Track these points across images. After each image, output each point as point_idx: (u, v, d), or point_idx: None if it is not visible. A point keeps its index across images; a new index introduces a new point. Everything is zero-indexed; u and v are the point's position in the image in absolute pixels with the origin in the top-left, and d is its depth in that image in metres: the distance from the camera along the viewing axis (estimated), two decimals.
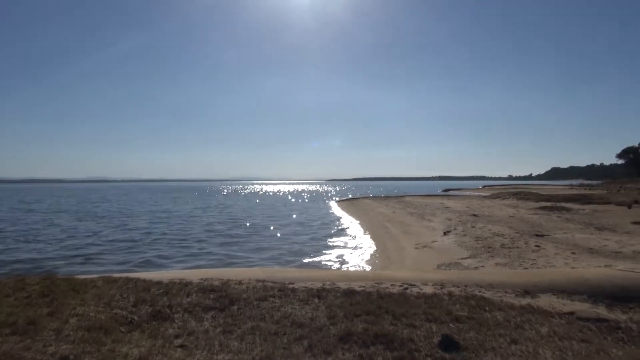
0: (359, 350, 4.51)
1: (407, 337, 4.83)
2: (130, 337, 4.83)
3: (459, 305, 6.23)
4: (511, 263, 12.49)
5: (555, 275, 8.83)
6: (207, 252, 20.25)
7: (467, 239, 17.94)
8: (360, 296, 6.66)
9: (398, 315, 5.63)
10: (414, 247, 18.13)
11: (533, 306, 6.44)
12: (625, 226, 21.45)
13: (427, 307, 6.11)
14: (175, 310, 5.82)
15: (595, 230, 19.94)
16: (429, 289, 7.35)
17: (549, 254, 13.46)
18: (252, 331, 5.05)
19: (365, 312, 5.76)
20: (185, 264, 17.33)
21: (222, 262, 17.67)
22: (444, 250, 16.14)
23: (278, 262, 17.66)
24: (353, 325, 5.21)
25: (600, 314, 6.12)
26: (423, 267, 13.45)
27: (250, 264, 17.27)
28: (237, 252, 20.12)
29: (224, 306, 6.03)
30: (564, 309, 6.37)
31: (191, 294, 6.54)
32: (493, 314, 5.85)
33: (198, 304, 6.07)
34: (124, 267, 16.05)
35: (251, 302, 6.21)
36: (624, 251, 13.64)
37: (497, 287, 7.64)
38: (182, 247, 21.66)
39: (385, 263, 16.38)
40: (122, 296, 6.23)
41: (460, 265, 12.90)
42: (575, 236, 17.54)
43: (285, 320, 5.44)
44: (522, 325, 5.40)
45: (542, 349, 4.56)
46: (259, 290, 6.84)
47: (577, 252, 13.64)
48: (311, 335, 4.89)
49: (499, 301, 6.63)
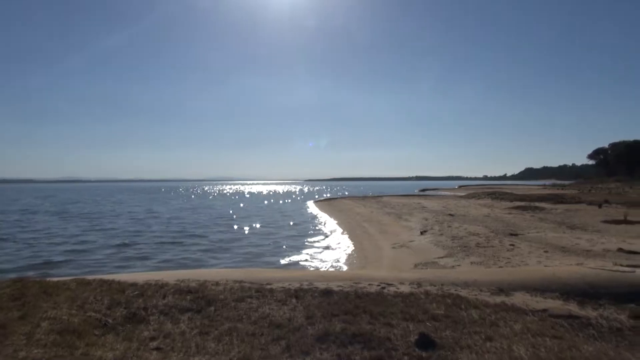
0: (336, 349, 4.51)
1: (384, 336, 4.86)
2: (105, 340, 4.74)
3: (436, 304, 6.30)
4: (486, 262, 12.69)
5: (529, 273, 9.00)
6: (184, 252, 20.02)
7: (443, 238, 18.16)
8: (338, 296, 6.67)
9: (375, 315, 5.66)
10: (391, 246, 18.26)
11: (507, 304, 6.56)
12: (595, 225, 22.02)
13: (404, 306, 6.16)
14: (151, 312, 5.73)
15: (567, 229, 20.41)
16: (406, 288, 7.42)
17: (523, 253, 13.72)
18: (229, 332, 5.01)
19: (343, 311, 5.78)
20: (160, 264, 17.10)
21: (200, 263, 17.51)
22: (421, 249, 16.30)
23: (255, 263, 17.56)
24: (331, 325, 5.22)
25: (571, 311, 6.26)
26: (400, 266, 13.57)
27: (226, 265, 17.15)
28: (216, 253, 19.95)
29: (201, 307, 5.97)
30: (537, 306, 6.50)
31: (167, 295, 6.45)
32: (469, 312, 5.93)
33: (174, 305, 5.99)
34: (98, 270, 15.75)
35: (228, 303, 6.16)
36: (595, 249, 13.99)
37: (472, 285, 7.75)
38: (157, 249, 21.37)
39: (363, 263, 16.47)
40: (95, 298, 6.11)
41: (436, 264, 13.04)
42: (548, 235, 17.92)
43: (263, 321, 5.41)
44: (496, 323, 5.49)
45: (516, 346, 4.64)
46: (237, 291, 6.80)
47: (550, 251, 13.93)
48: (289, 336, 4.88)
49: (475, 299, 6.73)
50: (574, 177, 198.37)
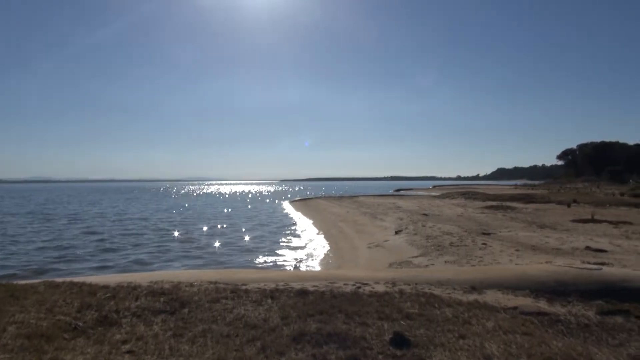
0: (312, 349, 4.51)
1: (359, 336, 4.88)
2: (75, 344, 4.63)
3: (410, 303, 6.36)
4: (459, 261, 12.88)
5: (501, 271, 9.19)
6: (165, 253, 19.73)
7: (417, 237, 18.35)
8: (313, 296, 6.67)
9: (351, 314, 5.68)
10: (366, 246, 18.37)
11: (480, 302, 6.67)
12: (564, 224, 22.61)
13: (379, 305, 6.20)
14: (123, 314, 5.63)
15: (538, 228, 20.89)
16: (381, 287, 7.47)
17: (495, 252, 13.97)
18: (204, 334, 4.96)
19: (319, 311, 5.78)
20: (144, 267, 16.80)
21: (177, 265, 17.28)
22: (396, 249, 16.45)
23: (230, 264, 17.43)
24: (306, 325, 5.22)
25: (541, 308, 6.42)
26: (375, 266, 13.66)
27: (202, 266, 16.98)
28: (195, 253, 19.72)
29: (175, 309, 5.88)
30: (508, 303, 6.64)
31: (140, 297, 6.34)
32: (442, 311, 6.01)
33: (147, 307, 5.89)
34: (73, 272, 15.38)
35: (203, 305, 6.10)
36: (564, 248, 14.35)
37: (446, 284, 7.86)
38: (133, 250, 21.00)
39: (339, 262, 16.52)
40: (65, 301, 5.96)
41: (411, 263, 13.17)
42: (519, 234, 18.30)
43: (238, 322, 5.37)
44: (469, 321, 5.57)
45: (488, 343, 4.73)
46: (211, 292, 6.73)
47: (521, 249, 14.22)
48: (264, 337, 4.86)
49: (448, 298, 6.83)
50: (544, 177, 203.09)
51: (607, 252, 13.32)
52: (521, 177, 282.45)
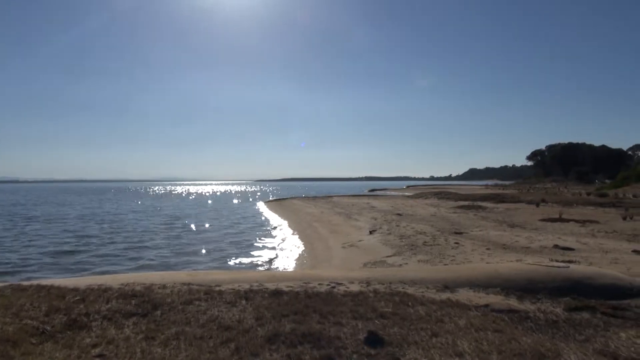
0: (286, 350, 4.51)
1: (334, 335, 4.90)
2: (42, 348, 4.50)
3: (384, 302, 6.41)
4: (432, 260, 13.05)
5: (472, 270, 9.34)
6: (131, 256, 19.37)
7: (391, 237, 18.52)
8: (288, 296, 6.66)
9: (325, 314, 5.69)
10: (341, 246, 18.44)
11: (452, 300, 6.77)
12: (533, 223, 23.17)
13: (353, 304, 6.23)
14: (93, 317, 5.50)
15: (508, 227, 21.35)
16: (355, 287, 7.50)
17: (467, 250, 14.22)
18: (177, 336, 4.89)
19: (293, 312, 5.77)
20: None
21: (150, 267, 17.00)
22: (370, 248, 16.56)
23: (204, 265, 17.25)
24: (280, 325, 5.20)
25: (512, 305, 6.55)
26: (350, 265, 13.72)
27: (175, 267, 16.75)
28: (165, 254, 19.44)
29: (147, 311, 5.78)
30: (480, 301, 6.76)
31: (111, 300, 6.21)
32: (416, 309, 6.08)
33: (118, 310, 5.78)
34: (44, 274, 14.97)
35: (176, 307, 6.01)
36: (533, 246, 14.70)
37: (419, 283, 7.95)
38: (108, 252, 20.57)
39: (313, 263, 16.53)
40: (32, 305, 5.79)
41: (385, 263, 13.28)
42: (490, 233, 18.66)
43: (212, 324, 5.32)
44: (442, 319, 5.65)
45: (460, 341, 4.81)
46: (184, 294, 6.64)
47: (492, 248, 14.51)
48: (238, 338, 4.82)
49: (421, 296, 6.91)
50: (515, 177, 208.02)
51: (574, 250, 13.70)
52: (492, 177, 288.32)
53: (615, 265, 10.89)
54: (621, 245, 14.79)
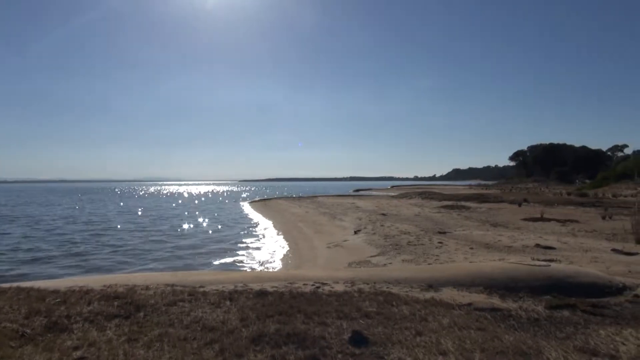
0: (271, 351, 4.49)
1: (318, 335, 4.90)
2: (22, 352, 4.42)
3: (369, 302, 6.43)
4: (417, 259, 13.13)
5: (456, 269, 9.42)
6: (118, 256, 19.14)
7: (376, 237, 18.59)
8: (272, 297, 6.64)
9: (310, 314, 5.70)
10: (326, 246, 18.45)
11: (436, 299, 6.83)
12: (516, 222, 23.47)
13: (338, 304, 6.24)
14: (75, 320, 5.42)
15: (491, 227, 21.59)
16: (340, 287, 7.52)
17: (451, 250, 14.33)
18: (160, 338, 4.84)
19: (278, 312, 5.76)
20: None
21: (132, 267, 16.81)
22: (355, 248, 16.60)
23: (188, 266, 17.12)
24: (265, 326, 5.19)
25: (494, 304, 6.63)
26: (335, 265, 13.74)
27: (158, 268, 16.60)
28: (148, 256, 19.24)
29: (130, 313, 5.72)
30: (463, 300, 6.82)
31: (93, 302, 6.12)
32: (400, 308, 6.11)
33: (100, 312, 5.70)
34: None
35: (159, 308, 5.95)
36: (515, 245, 14.88)
37: (403, 282, 7.99)
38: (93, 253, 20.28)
39: (298, 263, 16.51)
40: (12, 308, 5.69)
41: (370, 262, 13.33)
42: (473, 232, 18.84)
43: (196, 325, 5.28)
44: (426, 318, 5.70)
45: (444, 339, 4.85)
46: (168, 295, 6.58)
47: (475, 247, 14.65)
48: (222, 339, 4.79)
49: (405, 296, 6.95)
50: (497, 177, 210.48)
51: (555, 249, 13.90)
52: (475, 178, 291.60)
53: (594, 264, 11.08)
54: (600, 244, 15.05)
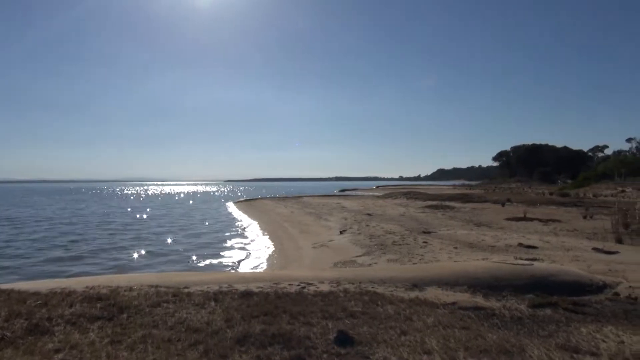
0: (256, 351, 4.48)
1: (304, 335, 4.90)
2: (2, 355, 4.34)
3: (354, 301, 6.45)
4: (401, 259, 13.20)
5: (440, 268, 9.51)
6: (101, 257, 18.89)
7: (361, 237, 18.64)
8: (258, 297, 6.62)
9: (295, 314, 5.69)
10: (311, 246, 18.45)
11: (420, 298, 6.88)
12: (499, 222, 23.73)
13: (323, 304, 6.25)
14: (56, 322, 5.34)
15: (475, 227, 21.80)
16: (325, 287, 7.53)
17: (435, 249, 14.43)
18: (144, 339, 4.79)
19: (263, 312, 5.75)
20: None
21: (116, 269, 16.61)
22: (340, 248, 16.63)
23: (173, 266, 16.98)
24: (250, 326, 5.17)
25: (478, 303, 6.70)
26: (320, 265, 13.75)
27: (142, 269, 16.44)
28: (132, 257, 19.03)
29: (113, 315, 5.65)
30: (447, 299, 6.88)
31: (75, 303, 6.04)
32: (385, 308, 6.14)
33: (83, 314, 5.62)
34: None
35: (143, 309, 5.89)
36: (498, 245, 15.04)
37: (388, 282, 8.03)
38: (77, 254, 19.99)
39: (284, 263, 16.49)
40: None
41: (355, 262, 13.36)
42: (457, 232, 19.00)
43: (180, 326, 5.24)
44: (410, 317, 5.73)
45: (429, 338, 4.88)
46: (152, 296, 6.52)
47: (459, 247, 14.77)
48: (207, 340, 4.76)
49: (390, 295, 6.98)
50: (481, 177, 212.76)
51: (538, 249, 14.08)
52: (460, 178, 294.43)
53: (576, 263, 11.26)
54: (582, 243, 15.29)
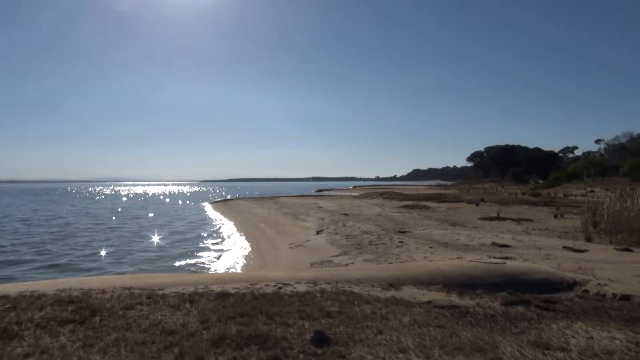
0: (232, 353, 4.45)
1: (280, 336, 4.89)
2: None
3: (331, 301, 6.47)
4: (378, 258, 13.28)
5: (416, 268, 9.60)
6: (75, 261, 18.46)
7: (338, 237, 18.69)
8: (234, 298, 6.58)
9: (272, 315, 5.67)
10: (288, 246, 18.42)
11: (397, 298, 6.93)
12: (473, 222, 24.10)
13: (300, 305, 6.24)
14: (26, 326, 5.20)
15: (450, 226, 22.09)
16: (302, 287, 7.52)
17: (411, 249, 14.56)
18: (117, 343, 4.71)
19: (239, 314, 5.71)
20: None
21: (88, 271, 16.26)
22: (317, 248, 16.64)
23: (147, 268, 16.72)
24: (226, 328, 5.13)
25: (453, 301, 6.79)
26: (297, 266, 13.72)
27: (115, 271, 16.14)
28: (104, 258, 18.67)
29: (85, 318, 5.53)
30: (423, 298, 6.95)
31: (45, 307, 5.89)
32: (361, 308, 6.17)
33: (53, 317, 5.49)
34: None
35: (116, 312, 5.79)
36: (472, 244, 15.26)
37: (365, 281, 8.07)
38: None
39: (260, 264, 16.42)
40: None
41: (332, 262, 13.39)
42: (433, 232, 19.22)
43: (154, 329, 5.16)
44: (387, 316, 5.77)
45: (404, 337, 4.93)
46: (125, 299, 6.41)
47: (435, 246, 14.94)
48: (182, 342, 4.71)
49: (367, 295, 7.02)
50: (456, 177, 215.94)
51: (511, 247, 14.35)
52: (435, 178, 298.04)
53: (547, 261, 11.52)
54: (553, 242, 15.65)
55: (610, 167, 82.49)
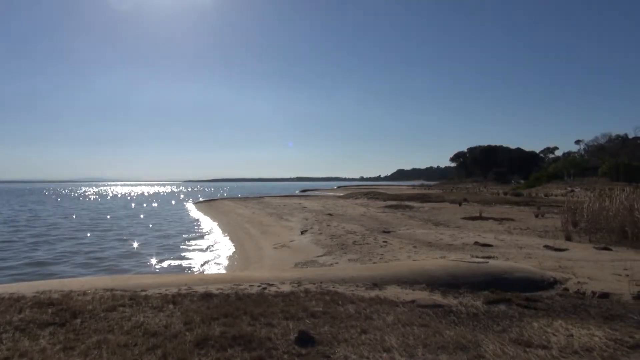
0: (216, 354, 4.42)
1: (264, 336, 4.87)
2: None
3: (315, 301, 6.47)
4: (362, 258, 13.31)
5: (400, 267, 9.66)
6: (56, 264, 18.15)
7: (322, 237, 18.69)
8: (218, 299, 6.54)
9: (256, 316, 5.65)
10: (272, 247, 18.36)
11: (381, 297, 6.97)
12: (456, 221, 24.32)
13: (284, 305, 6.23)
14: (4, 329, 5.10)
15: (433, 226, 22.26)
16: (286, 287, 7.51)
17: (395, 249, 14.63)
18: (98, 345, 4.64)
19: (223, 314, 5.68)
20: None
21: (68, 274, 16.00)
22: (302, 249, 16.62)
23: (129, 269, 16.52)
24: (210, 329, 5.10)
25: (436, 300, 6.84)
26: (281, 266, 13.69)
27: (97, 273, 15.92)
28: (83, 260, 18.38)
29: (65, 320, 5.45)
30: (406, 298, 7.00)
31: (24, 309, 5.79)
32: (346, 307, 6.18)
33: (33, 320, 5.39)
34: None
35: (98, 314, 5.71)
36: (456, 243, 15.40)
37: (349, 281, 8.10)
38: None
39: (245, 264, 16.34)
40: None
41: (316, 262, 13.38)
42: (416, 231, 19.34)
43: (137, 330, 5.10)
44: (371, 316, 5.80)
45: (388, 336, 4.95)
46: (107, 300, 6.33)
47: (418, 246, 15.03)
48: (165, 344, 4.66)
49: (351, 295, 7.04)
50: (439, 177, 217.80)
51: (493, 247, 14.51)
52: (419, 178, 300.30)
53: (529, 260, 11.67)
54: (534, 241, 15.86)
55: (590, 168, 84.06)
